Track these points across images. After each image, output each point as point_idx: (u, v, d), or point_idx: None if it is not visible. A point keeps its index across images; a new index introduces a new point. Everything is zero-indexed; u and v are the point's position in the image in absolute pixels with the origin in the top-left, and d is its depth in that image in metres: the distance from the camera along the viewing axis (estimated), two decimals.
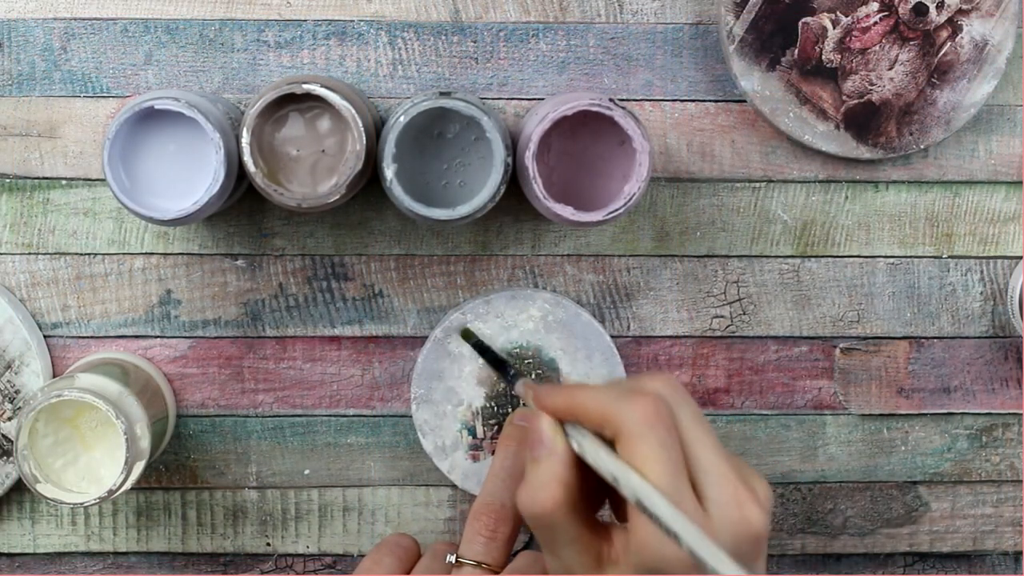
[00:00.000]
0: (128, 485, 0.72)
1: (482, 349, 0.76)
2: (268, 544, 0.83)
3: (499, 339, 0.79)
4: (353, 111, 0.70)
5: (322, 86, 0.70)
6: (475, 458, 0.80)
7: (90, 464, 0.74)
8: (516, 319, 0.79)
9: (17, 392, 0.79)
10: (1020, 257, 0.81)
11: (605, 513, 0.65)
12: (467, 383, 0.79)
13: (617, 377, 0.79)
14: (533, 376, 0.79)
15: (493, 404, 0.79)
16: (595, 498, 0.63)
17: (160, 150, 0.72)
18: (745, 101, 0.79)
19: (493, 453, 0.79)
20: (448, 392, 0.79)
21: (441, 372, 0.79)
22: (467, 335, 0.77)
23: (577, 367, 0.79)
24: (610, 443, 0.59)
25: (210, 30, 0.78)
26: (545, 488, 0.59)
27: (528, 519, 0.60)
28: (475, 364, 0.79)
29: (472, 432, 0.79)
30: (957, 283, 0.82)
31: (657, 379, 0.61)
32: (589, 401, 0.60)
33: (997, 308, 0.82)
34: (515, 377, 0.65)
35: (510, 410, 0.79)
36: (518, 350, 0.79)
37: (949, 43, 0.78)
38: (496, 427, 0.79)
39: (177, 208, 0.71)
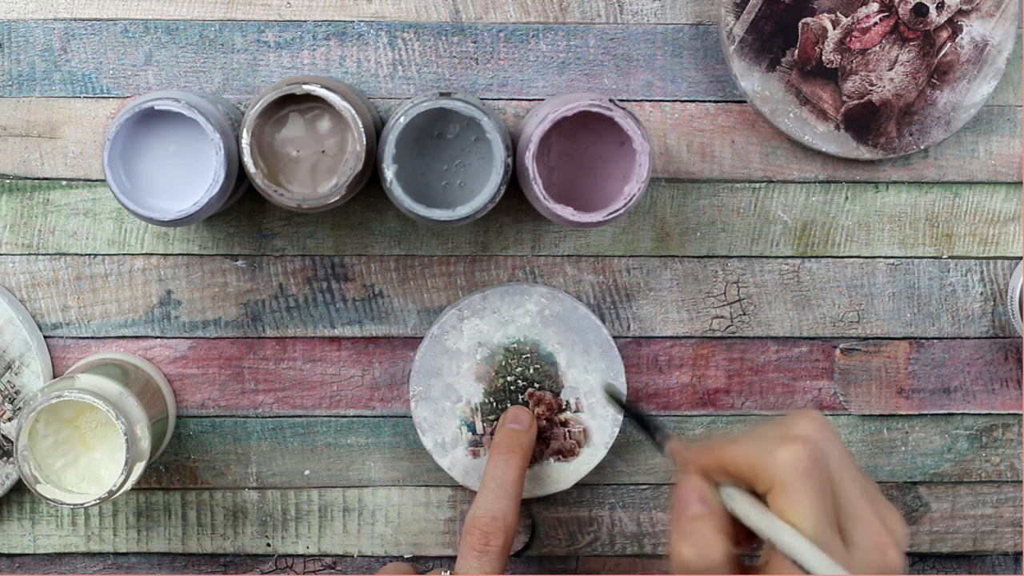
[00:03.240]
0: (128, 486, 0.72)
1: (628, 410, 0.75)
2: (268, 544, 0.83)
3: (496, 335, 0.79)
4: (353, 112, 0.70)
5: (322, 87, 0.70)
6: (475, 454, 0.80)
7: (90, 465, 0.74)
8: (513, 314, 0.79)
9: (17, 393, 0.79)
10: (1020, 257, 0.81)
11: None
12: (465, 379, 0.79)
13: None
14: (532, 371, 0.79)
15: (492, 400, 0.79)
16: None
17: (160, 151, 0.72)
18: (745, 102, 0.79)
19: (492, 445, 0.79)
20: (447, 389, 0.79)
21: (439, 369, 0.79)
22: (612, 394, 0.77)
23: (575, 361, 0.79)
24: (761, 494, 0.60)
25: (210, 30, 0.78)
26: (713, 543, 0.59)
27: (689, 572, 0.59)
28: (473, 360, 0.79)
29: (471, 428, 0.79)
30: (957, 283, 0.82)
31: (804, 419, 0.60)
32: (739, 456, 0.60)
33: (997, 308, 0.82)
34: (663, 439, 0.65)
35: (509, 405, 0.79)
36: (516, 345, 0.79)
37: (949, 44, 0.77)
38: (495, 423, 0.79)
39: (177, 209, 0.71)
